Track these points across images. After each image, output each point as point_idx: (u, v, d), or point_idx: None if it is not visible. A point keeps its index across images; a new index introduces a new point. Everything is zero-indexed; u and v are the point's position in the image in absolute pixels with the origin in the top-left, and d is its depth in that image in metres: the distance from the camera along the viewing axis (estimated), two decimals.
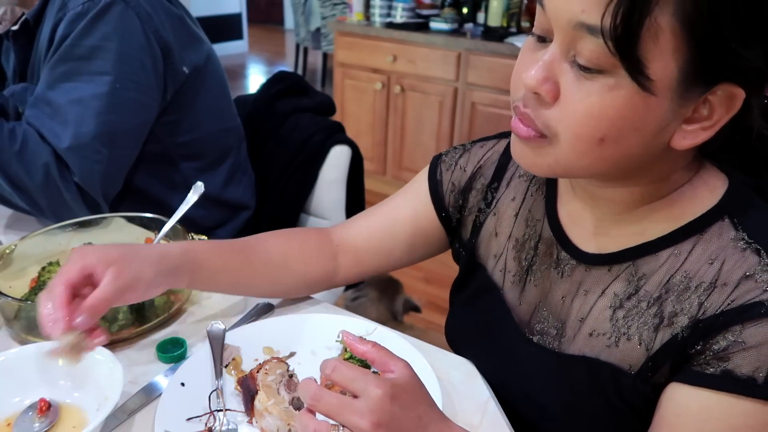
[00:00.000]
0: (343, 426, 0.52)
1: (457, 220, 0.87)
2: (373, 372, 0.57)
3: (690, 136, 0.57)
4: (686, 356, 0.61)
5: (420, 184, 0.90)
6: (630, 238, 0.66)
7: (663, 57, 0.51)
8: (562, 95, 0.55)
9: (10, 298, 0.82)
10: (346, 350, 0.79)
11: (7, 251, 0.92)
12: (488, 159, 0.84)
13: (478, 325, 0.84)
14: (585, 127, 0.55)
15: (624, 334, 0.65)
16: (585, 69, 0.53)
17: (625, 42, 0.50)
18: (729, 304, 0.58)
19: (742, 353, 0.56)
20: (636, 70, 0.51)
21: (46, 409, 0.71)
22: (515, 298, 0.78)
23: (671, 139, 0.57)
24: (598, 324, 0.68)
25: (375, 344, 0.58)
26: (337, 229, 0.94)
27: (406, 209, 0.90)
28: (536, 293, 0.75)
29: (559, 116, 0.56)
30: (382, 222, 0.91)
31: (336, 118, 1.58)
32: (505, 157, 0.83)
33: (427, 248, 0.92)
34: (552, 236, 0.74)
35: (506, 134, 0.84)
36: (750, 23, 0.50)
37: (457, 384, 0.79)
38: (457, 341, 0.88)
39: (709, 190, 0.64)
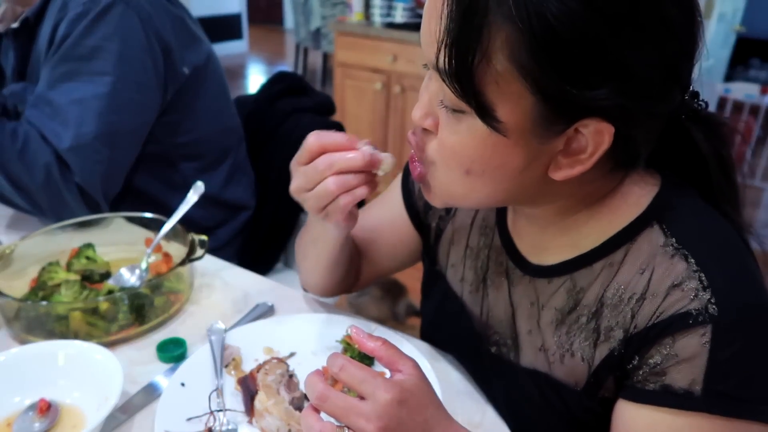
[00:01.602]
0: (348, 428, 0.52)
1: (426, 226, 0.87)
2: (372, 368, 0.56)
3: (565, 168, 0.56)
4: (626, 371, 0.60)
5: (395, 190, 0.89)
6: (566, 251, 0.66)
7: (509, 100, 0.51)
8: (439, 129, 0.58)
9: (10, 298, 0.82)
10: (346, 350, 0.79)
11: (8, 251, 0.92)
12: None
13: (446, 334, 0.84)
14: (452, 161, 0.58)
15: (568, 351, 0.65)
16: (451, 109, 0.55)
17: (460, 86, 0.50)
18: (659, 316, 0.56)
19: (676, 366, 0.55)
20: (484, 113, 0.52)
21: (46, 409, 0.71)
22: (475, 307, 0.77)
23: (548, 170, 0.56)
24: (545, 339, 0.68)
25: (385, 341, 0.56)
26: None
27: (384, 217, 0.90)
28: (491, 303, 0.75)
29: (436, 146, 0.59)
30: (363, 233, 0.90)
31: (336, 118, 1.58)
32: None
33: (409, 255, 0.91)
34: (501, 245, 0.74)
35: None
36: (585, 65, 0.48)
37: (457, 384, 0.79)
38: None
39: (636, 197, 0.62)
